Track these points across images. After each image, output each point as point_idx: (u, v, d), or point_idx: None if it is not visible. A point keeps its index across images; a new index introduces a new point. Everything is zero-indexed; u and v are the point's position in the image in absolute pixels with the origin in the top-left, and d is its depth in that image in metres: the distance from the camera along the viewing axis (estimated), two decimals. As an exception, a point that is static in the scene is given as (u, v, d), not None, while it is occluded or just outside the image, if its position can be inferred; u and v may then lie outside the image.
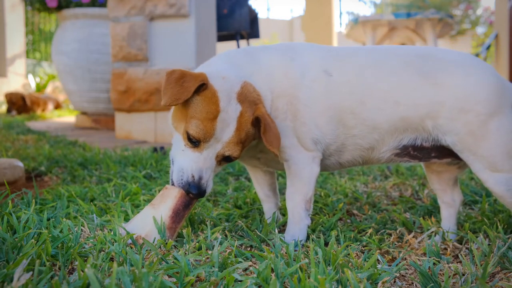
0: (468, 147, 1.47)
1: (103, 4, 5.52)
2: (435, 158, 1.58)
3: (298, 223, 1.58)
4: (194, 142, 1.44)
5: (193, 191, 1.44)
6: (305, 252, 1.43)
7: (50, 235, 1.42)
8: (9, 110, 8.31)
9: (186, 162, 1.46)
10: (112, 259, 1.34)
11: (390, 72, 1.53)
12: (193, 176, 1.43)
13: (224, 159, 1.48)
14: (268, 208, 1.82)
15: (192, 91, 1.40)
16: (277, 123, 1.54)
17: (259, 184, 1.82)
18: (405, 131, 1.53)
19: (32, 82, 11.80)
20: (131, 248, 1.40)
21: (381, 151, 1.58)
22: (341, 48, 1.66)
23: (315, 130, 1.54)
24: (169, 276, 1.22)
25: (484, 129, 1.45)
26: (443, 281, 1.23)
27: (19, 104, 8.27)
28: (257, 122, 1.46)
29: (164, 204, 1.51)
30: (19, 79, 11.38)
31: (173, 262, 1.28)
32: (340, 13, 20.70)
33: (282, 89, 1.54)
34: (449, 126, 1.48)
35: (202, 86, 1.43)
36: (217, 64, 1.59)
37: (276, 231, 1.54)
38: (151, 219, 1.50)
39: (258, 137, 1.51)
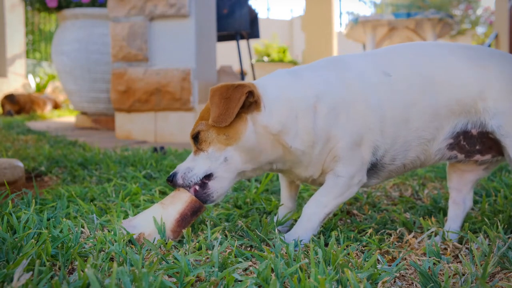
0: None
1: (103, 4, 5.52)
2: (478, 153, 1.62)
3: (308, 230, 1.56)
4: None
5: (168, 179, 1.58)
6: (305, 252, 1.43)
7: (50, 235, 1.42)
8: (9, 113, 8.29)
9: None
10: (112, 259, 1.34)
11: (439, 57, 1.60)
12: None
13: (195, 140, 1.55)
14: (288, 213, 1.81)
15: None
16: (339, 129, 1.52)
17: (290, 194, 1.80)
18: (459, 115, 1.57)
19: (32, 82, 11.80)
20: (131, 248, 1.40)
21: (439, 140, 1.60)
22: (379, 50, 1.69)
23: (379, 136, 1.55)
24: (169, 276, 1.22)
25: None
26: (443, 281, 1.23)
27: (17, 105, 8.26)
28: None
29: (173, 206, 1.51)
30: (19, 79, 11.38)
31: (173, 262, 1.28)
32: (340, 13, 20.71)
33: (337, 96, 1.53)
34: (497, 107, 1.53)
35: None
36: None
37: (276, 231, 1.54)
38: (158, 218, 1.50)
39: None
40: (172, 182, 1.56)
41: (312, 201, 1.59)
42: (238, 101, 1.45)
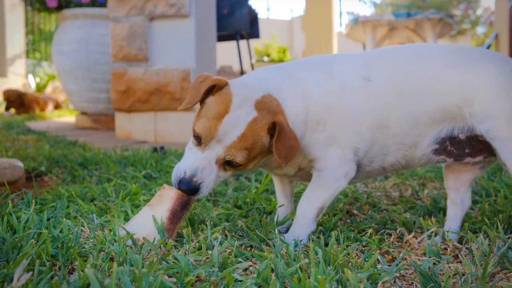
0: (502, 134, 1.48)
1: (103, 4, 5.52)
2: (468, 156, 1.60)
3: (304, 227, 1.58)
4: (198, 139, 1.44)
5: (182, 187, 1.44)
6: (305, 252, 1.43)
7: (50, 235, 1.42)
8: (7, 108, 8.30)
9: (185, 159, 1.48)
10: (112, 259, 1.34)
11: (425, 63, 1.57)
12: (185, 173, 1.44)
13: (227, 164, 1.45)
14: (287, 213, 1.82)
15: (201, 93, 1.44)
16: (315, 135, 1.54)
17: (284, 193, 1.82)
18: (443, 121, 1.55)
19: (32, 82, 11.80)
20: (131, 248, 1.40)
21: (423, 147, 1.59)
22: (372, 51, 1.68)
23: (357, 138, 1.55)
24: (169, 276, 1.22)
25: None
26: (443, 281, 1.23)
27: (18, 102, 8.26)
28: (274, 130, 1.42)
29: (161, 205, 1.51)
30: (19, 79, 11.38)
31: (173, 262, 1.28)
32: (340, 13, 20.73)
33: (323, 103, 1.53)
34: (485, 112, 1.50)
35: (214, 88, 1.46)
36: (247, 77, 1.60)
37: (276, 231, 1.54)
38: (149, 220, 1.50)
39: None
40: (191, 192, 1.47)
41: (302, 199, 1.61)
42: (296, 153, 1.44)
